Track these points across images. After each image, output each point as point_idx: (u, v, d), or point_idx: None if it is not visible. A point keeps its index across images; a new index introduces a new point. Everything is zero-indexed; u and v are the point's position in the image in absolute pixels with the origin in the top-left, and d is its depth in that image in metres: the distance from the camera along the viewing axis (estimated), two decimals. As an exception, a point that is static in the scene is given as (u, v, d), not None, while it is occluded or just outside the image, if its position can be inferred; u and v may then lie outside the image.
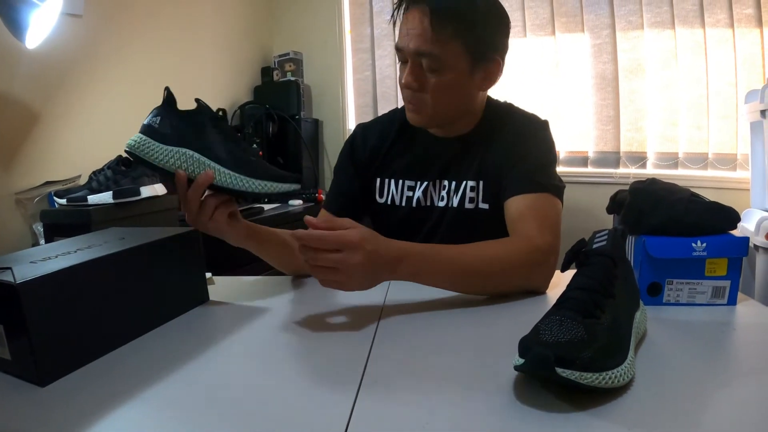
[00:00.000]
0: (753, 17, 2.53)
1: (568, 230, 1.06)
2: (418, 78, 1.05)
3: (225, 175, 0.88)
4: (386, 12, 3.29)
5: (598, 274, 0.64)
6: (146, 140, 0.88)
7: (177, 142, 0.88)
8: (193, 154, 0.88)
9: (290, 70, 3.32)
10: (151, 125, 0.89)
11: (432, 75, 1.04)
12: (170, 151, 0.88)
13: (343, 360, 0.68)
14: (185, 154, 0.88)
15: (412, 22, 1.02)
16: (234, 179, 0.88)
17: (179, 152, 0.88)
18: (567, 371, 0.51)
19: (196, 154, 0.88)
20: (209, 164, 0.88)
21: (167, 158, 0.87)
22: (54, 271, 0.64)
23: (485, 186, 1.12)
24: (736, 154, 2.62)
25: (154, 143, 0.88)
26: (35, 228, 1.76)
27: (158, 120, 0.89)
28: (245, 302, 0.94)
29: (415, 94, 1.07)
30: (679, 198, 0.87)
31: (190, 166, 0.88)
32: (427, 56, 1.02)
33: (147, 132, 0.89)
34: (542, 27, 2.91)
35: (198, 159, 0.88)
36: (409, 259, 0.84)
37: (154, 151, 0.87)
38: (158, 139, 0.88)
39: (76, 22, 2.02)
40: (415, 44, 1.02)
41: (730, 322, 0.81)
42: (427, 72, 1.04)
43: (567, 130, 2.94)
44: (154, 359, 0.69)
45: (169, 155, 0.87)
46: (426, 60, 1.03)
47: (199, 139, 0.89)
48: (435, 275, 0.88)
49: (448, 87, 1.06)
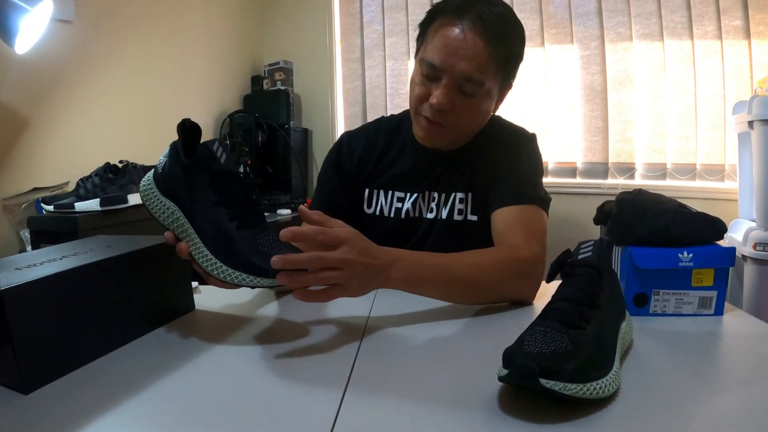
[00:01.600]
0: (741, 29, 2.57)
1: (556, 241, 1.06)
2: (452, 99, 1.01)
3: (200, 253, 0.75)
4: (376, 22, 3.31)
5: (584, 285, 0.64)
6: (149, 186, 0.80)
7: (170, 194, 0.79)
8: (179, 217, 0.78)
9: (280, 79, 3.33)
10: (156, 168, 0.81)
11: (465, 97, 1.01)
12: (162, 205, 0.79)
13: (327, 371, 0.68)
14: (173, 214, 0.78)
15: (462, 43, 0.97)
16: (206, 261, 0.74)
17: (169, 209, 0.78)
18: (551, 382, 0.51)
19: (182, 217, 0.77)
20: (189, 233, 0.77)
21: (159, 212, 0.79)
22: (39, 278, 0.63)
23: (474, 198, 1.12)
24: (724, 164, 2.65)
25: (154, 191, 0.80)
26: (22, 234, 1.75)
27: (163, 163, 0.80)
28: (231, 312, 0.93)
29: (443, 115, 1.03)
30: (666, 209, 0.88)
31: (176, 229, 0.78)
32: (472, 81, 0.99)
33: (153, 175, 0.81)
34: (531, 38, 2.93)
35: (182, 224, 0.77)
36: (400, 262, 0.83)
37: (151, 200, 0.80)
38: (158, 185, 0.80)
39: (67, 28, 2.02)
40: (465, 68, 0.98)
41: (717, 332, 0.81)
42: (460, 94, 1.01)
43: (556, 141, 2.97)
44: (139, 368, 0.69)
45: (161, 209, 0.79)
46: (469, 84, 1.00)
47: (189, 197, 0.77)
48: (425, 282, 0.87)
49: (478, 111, 1.05)
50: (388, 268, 0.81)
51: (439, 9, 1.03)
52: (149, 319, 0.83)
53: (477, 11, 0.98)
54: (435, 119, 1.04)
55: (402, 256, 0.84)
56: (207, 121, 2.97)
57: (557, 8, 2.90)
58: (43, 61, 1.91)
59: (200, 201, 0.76)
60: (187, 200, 0.77)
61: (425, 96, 1.03)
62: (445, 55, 0.98)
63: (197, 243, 0.75)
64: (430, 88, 1.02)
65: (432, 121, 1.04)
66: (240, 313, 0.92)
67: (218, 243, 0.74)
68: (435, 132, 1.06)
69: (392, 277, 0.82)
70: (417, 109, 1.07)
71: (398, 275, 0.83)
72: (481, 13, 0.97)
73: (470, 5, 0.99)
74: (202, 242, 0.75)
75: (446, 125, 1.04)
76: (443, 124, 1.04)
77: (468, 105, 1.03)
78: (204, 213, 0.76)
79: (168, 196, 0.79)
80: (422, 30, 1.07)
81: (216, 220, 0.75)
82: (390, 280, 0.82)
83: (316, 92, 3.45)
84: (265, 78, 3.36)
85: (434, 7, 1.05)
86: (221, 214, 0.75)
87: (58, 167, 1.98)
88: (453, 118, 1.03)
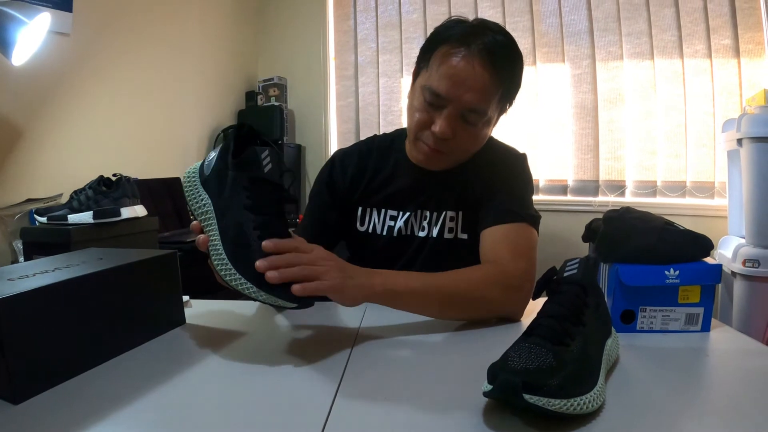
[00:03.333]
0: (730, 48, 2.61)
1: (546, 258, 1.07)
2: (454, 128, 1.01)
3: (216, 252, 0.75)
4: (370, 40, 3.34)
5: (568, 302, 0.65)
6: (193, 174, 0.82)
7: (208, 187, 0.80)
8: (208, 210, 0.79)
9: (274, 95, 3.35)
10: (204, 160, 0.83)
11: (467, 125, 1.02)
12: (198, 196, 0.81)
13: (315, 385, 0.68)
14: (204, 206, 0.79)
15: (469, 73, 0.98)
16: (219, 261, 0.74)
17: (202, 200, 0.80)
18: (534, 397, 0.51)
19: (211, 212, 0.78)
20: (212, 229, 0.77)
21: (193, 201, 0.81)
22: (31, 289, 0.64)
23: (464, 216, 1.13)
24: (714, 182, 2.68)
25: (195, 180, 0.82)
26: (15, 245, 1.75)
27: (212, 157, 0.82)
28: (222, 326, 0.94)
29: (444, 142, 1.03)
30: (653, 226, 0.88)
31: (203, 221, 0.79)
32: (476, 111, 1.00)
33: (200, 165, 0.83)
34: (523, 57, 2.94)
35: (209, 218, 0.78)
36: (381, 275, 0.86)
37: (189, 188, 0.82)
38: (201, 175, 0.82)
39: (64, 41, 2.03)
40: (471, 99, 0.98)
41: (704, 348, 0.82)
42: (462, 122, 1.01)
43: (547, 159, 2.99)
44: (129, 380, 0.69)
45: (195, 199, 0.81)
46: (472, 114, 1.00)
47: (223, 194, 0.78)
48: (409, 292, 0.87)
49: (478, 138, 1.06)
50: (372, 274, 0.85)
51: (443, 37, 1.02)
52: (140, 331, 0.83)
53: (483, 41, 0.98)
54: (436, 147, 1.04)
55: (383, 271, 0.87)
56: (201, 135, 2.98)
57: (549, 27, 2.95)
58: (40, 73, 1.92)
59: (233, 201, 0.77)
60: (220, 197, 0.78)
61: (427, 123, 1.03)
62: (452, 85, 0.98)
63: (216, 242, 0.75)
64: (432, 116, 1.02)
65: (433, 148, 1.05)
66: (231, 327, 0.92)
67: (235, 247, 0.74)
68: (435, 158, 1.07)
69: (376, 283, 0.84)
70: (417, 135, 1.07)
71: (381, 280, 0.85)
72: (488, 43, 0.98)
73: (476, 34, 0.99)
74: (222, 242, 0.75)
75: (446, 152, 1.05)
76: (444, 151, 1.05)
77: (469, 133, 1.04)
78: (232, 214, 0.76)
79: (206, 189, 0.80)
80: (424, 56, 1.06)
81: (241, 224, 0.75)
82: (374, 286, 0.84)
83: (310, 108, 3.47)
84: (259, 93, 3.38)
85: (437, 34, 1.04)
86: (248, 219, 0.75)
87: (52, 179, 1.98)
88: (453, 145, 1.04)
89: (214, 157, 0.81)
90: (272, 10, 3.51)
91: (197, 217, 0.80)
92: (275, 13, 3.51)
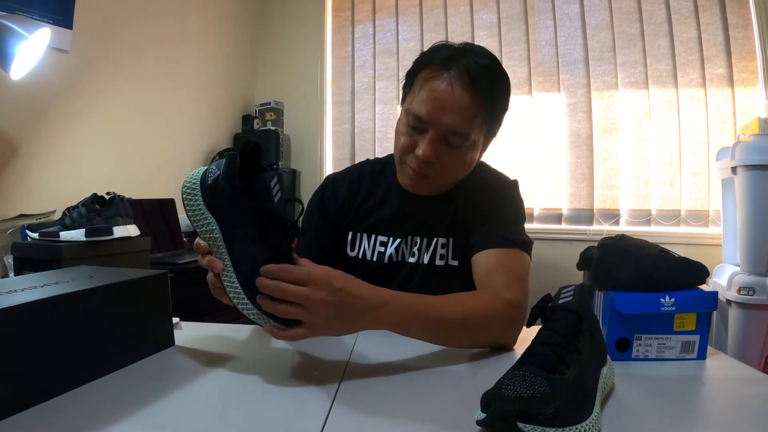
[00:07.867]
0: (724, 77, 2.65)
1: (540, 286, 1.05)
2: (438, 151, 1.01)
3: (231, 283, 0.75)
4: (368, 66, 3.37)
5: (563, 330, 0.64)
6: (194, 191, 0.79)
7: (213, 209, 0.78)
8: (217, 236, 0.77)
9: (271, 119, 3.36)
10: (207, 174, 0.79)
11: (451, 149, 1.02)
12: (203, 217, 0.78)
13: (306, 408, 0.67)
14: (212, 230, 0.77)
15: (449, 96, 0.98)
16: (234, 293, 0.75)
17: (209, 224, 0.77)
18: (529, 426, 0.50)
19: (220, 238, 0.76)
20: (224, 258, 0.76)
21: (198, 222, 0.78)
22: (18, 305, 0.63)
23: (455, 243, 1.12)
24: (708, 210, 2.69)
25: (198, 199, 0.78)
26: (5, 260, 1.73)
27: (216, 175, 0.78)
28: (211, 349, 0.92)
29: (428, 166, 1.03)
30: (648, 254, 0.88)
31: (211, 245, 0.77)
32: (458, 134, 1.00)
33: (201, 180, 0.79)
34: (519, 86, 3.00)
35: (219, 244, 0.77)
36: (392, 306, 0.81)
37: (192, 206, 0.79)
38: (204, 193, 0.78)
39: (62, 57, 2.05)
40: (452, 121, 0.98)
41: (700, 376, 0.81)
42: (446, 146, 1.01)
43: (541, 188, 3.00)
44: (111, 401, 0.67)
45: (201, 220, 0.78)
46: (455, 137, 1.00)
47: (232, 222, 0.77)
48: (416, 326, 0.85)
49: (463, 162, 1.06)
50: (378, 309, 0.80)
51: (426, 60, 1.03)
52: (128, 352, 0.82)
53: (464, 64, 0.98)
54: (420, 170, 1.04)
55: (394, 298, 0.83)
56: (196, 157, 2.98)
57: (545, 57, 2.98)
58: (37, 88, 1.93)
59: (241, 231, 0.76)
60: (229, 224, 0.77)
61: (411, 147, 1.03)
62: (432, 108, 0.99)
63: (230, 273, 0.75)
64: (416, 139, 1.02)
65: (418, 172, 1.04)
66: (221, 350, 0.91)
67: (249, 280, 0.74)
68: (420, 182, 1.07)
69: (384, 321, 0.81)
70: (402, 159, 1.07)
71: (391, 319, 0.82)
72: (468, 65, 0.98)
73: (457, 57, 1.00)
74: (236, 275, 0.75)
75: (432, 176, 1.05)
76: (429, 175, 1.05)
77: (454, 156, 1.03)
78: (242, 246, 0.76)
79: (211, 211, 0.78)
80: (408, 80, 1.07)
81: (252, 257, 0.75)
82: (381, 323, 0.81)
83: (306, 133, 3.47)
84: (256, 117, 3.39)
85: (421, 58, 1.05)
86: (257, 252, 0.75)
87: (46, 195, 1.97)
88: (438, 168, 1.04)
89: (219, 175, 0.78)
90: (270, 35, 3.54)
91: (201, 235, 0.79)
92: (273, 37, 3.54)
